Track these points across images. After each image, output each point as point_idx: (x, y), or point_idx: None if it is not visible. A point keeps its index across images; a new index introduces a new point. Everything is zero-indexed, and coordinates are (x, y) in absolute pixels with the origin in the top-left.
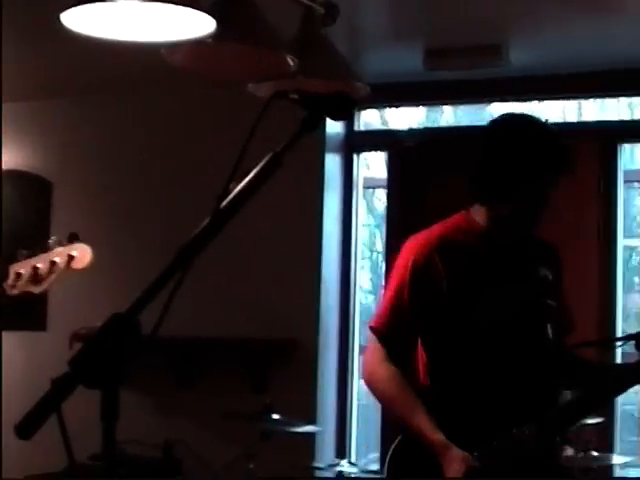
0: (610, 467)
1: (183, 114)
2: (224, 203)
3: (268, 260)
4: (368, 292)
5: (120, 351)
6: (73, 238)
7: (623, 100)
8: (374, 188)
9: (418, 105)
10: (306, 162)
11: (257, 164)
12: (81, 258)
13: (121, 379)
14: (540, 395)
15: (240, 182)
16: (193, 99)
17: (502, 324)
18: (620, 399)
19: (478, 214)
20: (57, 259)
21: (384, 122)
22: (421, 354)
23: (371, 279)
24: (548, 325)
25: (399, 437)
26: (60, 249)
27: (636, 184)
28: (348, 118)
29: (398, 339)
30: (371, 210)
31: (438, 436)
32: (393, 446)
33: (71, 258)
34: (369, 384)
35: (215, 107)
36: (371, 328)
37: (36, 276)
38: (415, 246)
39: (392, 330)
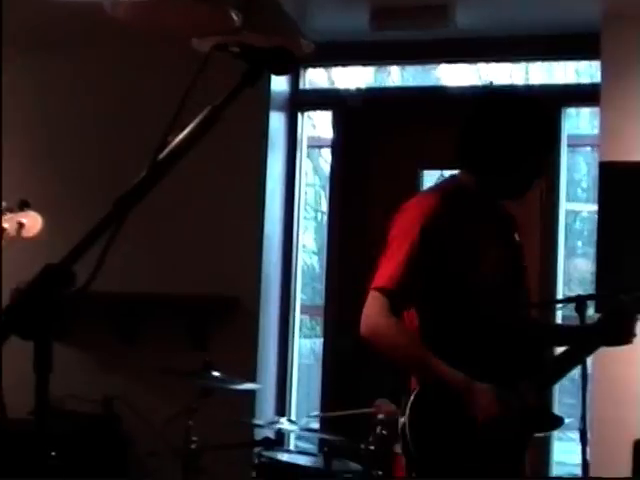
0: None
1: (126, 69)
2: (161, 156)
3: (211, 217)
4: (312, 252)
5: (53, 301)
6: (24, 205)
7: (570, 64)
8: (320, 147)
9: (365, 65)
10: (250, 120)
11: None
12: (31, 226)
13: (55, 330)
14: (528, 352)
15: (178, 135)
16: (136, 54)
17: (494, 286)
18: None
19: (468, 181)
20: (6, 225)
21: (330, 81)
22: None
23: (315, 239)
24: (527, 287)
25: (416, 390)
26: (10, 215)
27: (581, 149)
28: (289, 73)
29: (406, 298)
30: (317, 170)
31: (459, 374)
32: (412, 399)
33: (21, 226)
34: (374, 336)
35: (158, 61)
36: (380, 288)
37: None
38: (421, 210)
39: (402, 290)
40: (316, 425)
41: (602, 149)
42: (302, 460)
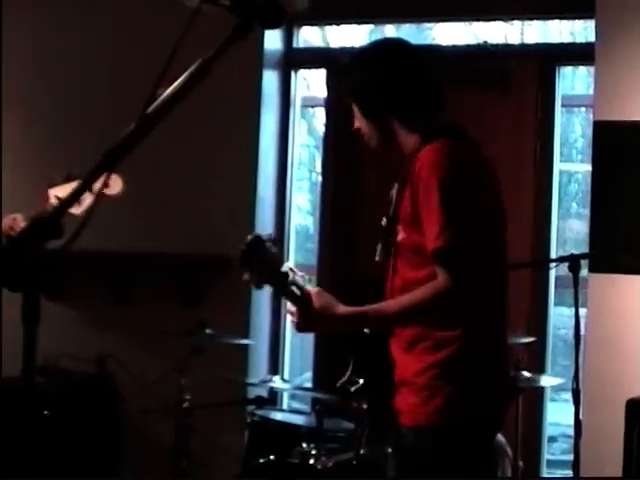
0: (542, 389)
1: (116, 23)
2: (150, 109)
3: (204, 176)
4: (306, 213)
5: (41, 253)
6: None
7: (565, 23)
8: (314, 107)
9: (360, 23)
10: (244, 78)
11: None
12: (114, 185)
13: (47, 286)
14: None
15: (168, 89)
16: (125, 8)
17: None
18: (554, 322)
19: None
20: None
21: (324, 40)
22: None
23: (310, 200)
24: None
25: None
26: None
27: (577, 109)
28: (279, 26)
29: None
30: (311, 131)
31: None
32: None
33: (106, 185)
34: None
35: (149, 15)
36: None
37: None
38: None
39: None
40: (309, 385)
41: (596, 108)
42: (294, 419)
